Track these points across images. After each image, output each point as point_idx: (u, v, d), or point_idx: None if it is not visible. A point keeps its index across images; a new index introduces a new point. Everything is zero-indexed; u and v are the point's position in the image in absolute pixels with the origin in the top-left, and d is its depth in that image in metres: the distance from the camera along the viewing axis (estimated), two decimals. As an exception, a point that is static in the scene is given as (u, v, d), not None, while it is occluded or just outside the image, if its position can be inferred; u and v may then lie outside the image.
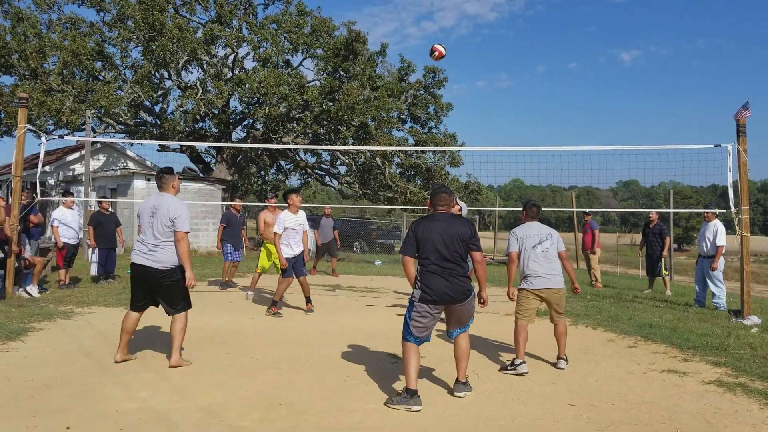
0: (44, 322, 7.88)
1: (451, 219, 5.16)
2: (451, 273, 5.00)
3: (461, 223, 5.18)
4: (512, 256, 6.39)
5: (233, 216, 12.67)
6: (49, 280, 11.87)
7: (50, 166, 24.46)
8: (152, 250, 5.85)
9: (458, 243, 5.04)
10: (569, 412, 4.81)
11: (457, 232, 5.06)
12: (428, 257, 5.02)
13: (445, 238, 5.02)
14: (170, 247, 5.86)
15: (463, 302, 5.07)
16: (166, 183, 6.09)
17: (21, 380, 5.27)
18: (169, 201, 5.91)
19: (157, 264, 5.83)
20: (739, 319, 8.95)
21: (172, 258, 5.87)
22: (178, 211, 5.85)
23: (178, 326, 5.97)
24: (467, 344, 5.27)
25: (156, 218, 5.84)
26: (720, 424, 4.59)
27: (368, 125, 25.21)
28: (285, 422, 4.45)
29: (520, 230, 6.48)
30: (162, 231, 5.83)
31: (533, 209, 6.63)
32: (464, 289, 5.04)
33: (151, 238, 5.86)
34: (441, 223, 5.11)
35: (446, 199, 5.27)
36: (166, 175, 6.12)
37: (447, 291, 4.98)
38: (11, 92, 22.05)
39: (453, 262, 5.02)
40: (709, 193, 73.60)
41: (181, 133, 24.96)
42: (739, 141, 9.13)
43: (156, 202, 5.92)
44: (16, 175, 9.76)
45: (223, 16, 25.56)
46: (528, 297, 6.33)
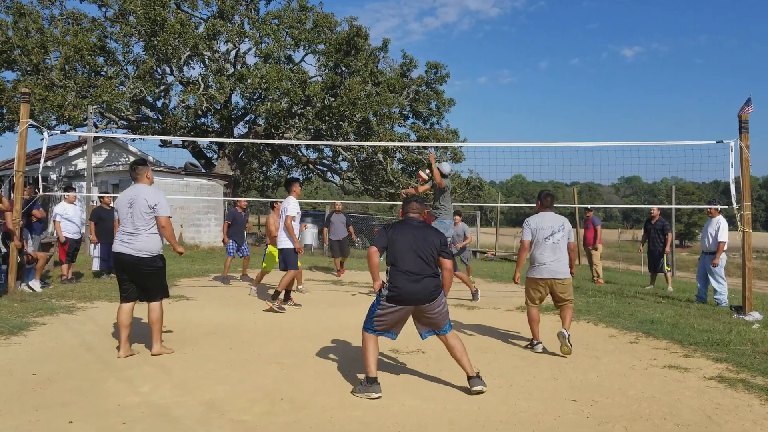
0: (47, 316, 7.90)
1: (422, 225, 5.35)
2: (420, 274, 5.08)
3: (433, 231, 5.35)
4: (524, 244, 6.72)
5: (238, 214, 12.70)
6: (51, 275, 11.89)
7: (52, 162, 24.48)
8: (132, 238, 5.98)
9: (429, 247, 5.17)
10: (570, 407, 4.82)
11: (428, 237, 5.22)
12: (399, 259, 5.12)
13: (417, 241, 5.16)
14: (149, 235, 5.99)
15: (431, 302, 5.11)
16: (141, 174, 6.20)
17: (24, 375, 5.28)
18: (145, 190, 6.05)
19: (136, 252, 5.95)
20: (741, 315, 8.94)
21: (151, 246, 6.00)
22: (157, 198, 6.02)
23: (154, 316, 6.12)
24: (459, 342, 5.29)
25: (134, 208, 5.97)
26: (721, 419, 4.59)
27: (370, 121, 25.22)
28: (287, 417, 4.47)
29: (534, 220, 6.73)
30: (142, 219, 5.96)
31: (547, 199, 6.87)
32: (432, 289, 5.11)
33: (130, 227, 5.99)
34: (413, 227, 5.27)
35: (417, 207, 5.46)
36: (139, 166, 6.26)
37: (414, 292, 5.05)
38: (13, 88, 22.07)
39: (423, 263, 5.12)
40: (712, 190, 73.54)
41: (183, 128, 24.97)
42: (741, 137, 9.11)
43: (133, 193, 6.05)
44: (19, 171, 9.78)
45: (225, 11, 25.55)
46: (535, 285, 6.74)
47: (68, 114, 21.66)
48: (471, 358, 6.30)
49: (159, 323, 6.14)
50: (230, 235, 12.51)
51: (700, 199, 59.07)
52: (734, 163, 9.20)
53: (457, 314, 9.14)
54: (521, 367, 6.03)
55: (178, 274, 13.06)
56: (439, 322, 5.23)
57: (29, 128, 10.01)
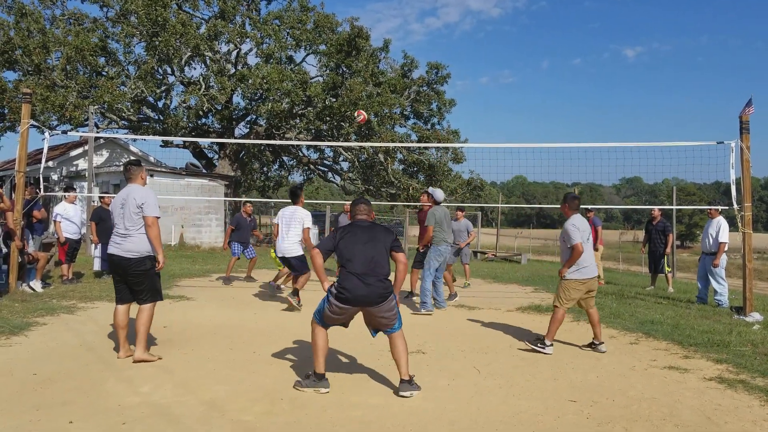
0: (47, 316, 7.91)
1: (371, 225, 5.33)
2: (370, 276, 5.04)
3: (381, 228, 5.35)
4: (579, 247, 6.65)
5: (243, 219, 12.60)
6: (52, 275, 11.91)
7: (53, 162, 24.53)
8: (122, 239, 5.92)
9: (379, 246, 5.15)
10: (570, 407, 4.82)
11: (378, 235, 5.22)
12: (348, 260, 5.09)
13: (366, 242, 5.14)
14: (139, 236, 5.91)
15: (379, 305, 5.05)
16: (134, 174, 6.16)
17: (24, 374, 5.29)
18: (136, 190, 5.99)
19: (125, 252, 5.88)
20: (741, 316, 8.94)
21: (140, 247, 5.90)
22: (145, 197, 5.94)
23: (142, 318, 5.95)
24: (402, 343, 5.17)
25: (125, 208, 5.92)
26: (720, 420, 4.59)
27: (371, 121, 25.21)
28: (287, 416, 4.47)
29: (579, 222, 6.81)
30: (131, 220, 5.89)
31: (575, 201, 6.99)
32: (381, 293, 5.04)
33: (122, 228, 5.94)
34: (362, 229, 5.26)
35: (365, 209, 5.44)
36: (133, 166, 6.21)
37: (363, 294, 5.00)
38: (15, 88, 22.11)
39: (372, 265, 5.07)
40: (713, 190, 73.54)
41: (184, 128, 24.99)
42: (742, 138, 9.11)
43: (125, 193, 6.01)
44: (20, 171, 9.79)
45: (226, 11, 25.57)
46: (577, 287, 6.75)
47: (69, 114, 21.69)
48: (471, 358, 6.33)
49: (145, 327, 5.95)
50: (233, 240, 12.44)
51: (701, 200, 59.06)
52: (735, 164, 9.20)
53: (457, 315, 9.15)
54: (521, 368, 6.04)
55: (178, 274, 13.08)
56: (388, 323, 5.17)
57: (30, 128, 10.03)
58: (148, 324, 5.97)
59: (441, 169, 27.46)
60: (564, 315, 6.81)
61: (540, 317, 9.02)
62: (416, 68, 28.60)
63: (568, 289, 6.75)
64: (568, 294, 6.76)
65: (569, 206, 6.93)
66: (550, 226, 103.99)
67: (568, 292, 6.76)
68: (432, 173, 27.37)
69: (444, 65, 28.32)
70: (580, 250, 6.63)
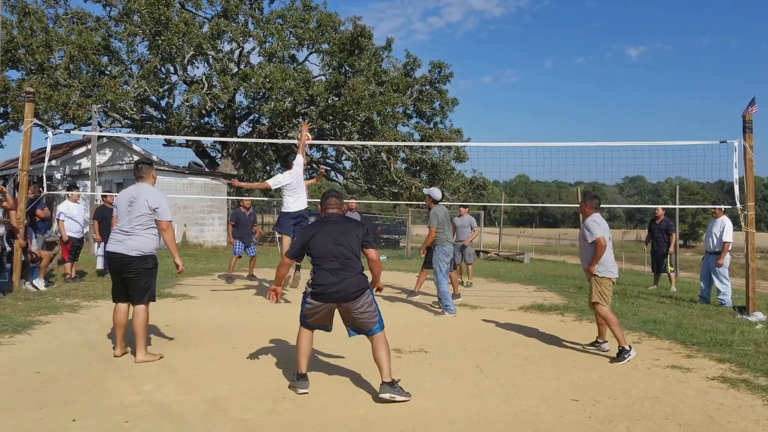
0: (50, 315, 7.93)
1: (342, 219, 5.21)
2: (343, 271, 4.95)
3: (353, 223, 5.20)
4: (602, 240, 6.56)
5: (242, 214, 12.52)
6: (55, 273, 11.93)
7: (57, 161, 24.55)
8: (126, 237, 5.85)
9: (350, 241, 5.03)
10: (572, 407, 4.82)
11: (350, 229, 5.09)
12: (320, 257, 5.01)
13: (337, 237, 5.03)
14: (143, 235, 5.86)
15: (354, 300, 4.96)
16: (146, 173, 6.10)
17: (28, 373, 5.31)
18: (148, 191, 5.95)
19: (126, 250, 5.80)
20: (744, 316, 8.93)
21: (142, 246, 5.85)
22: (158, 201, 5.91)
23: (139, 320, 5.87)
24: (384, 346, 5.00)
25: (134, 207, 5.85)
26: (723, 420, 4.59)
27: (373, 120, 25.24)
28: (289, 415, 4.48)
29: (600, 220, 6.74)
30: (138, 220, 5.84)
31: (595, 200, 6.90)
32: (356, 288, 4.95)
33: (126, 225, 5.87)
34: (332, 224, 5.14)
35: (336, 203, 5.30)
36: (145, 165, 6.15)
37: (336, 290, 4.92)
38: (18, 87, 22.15)
39: (344, 260, 4.98)
40: (716, 189, 73.40)
41: (186, 127, 25.02)
42: (745, 137, 9.10)
43: (134, 192, 5.93)
44: (23, 169, 9.81)
45: (229, 10, 25.59)
46: (610, 284, 6.71)
47: (72, 113, 21.72)
48: (473, 357, 6.33)
49: (143, 329, 5.88)
50: (236, 236, 12.39)
51: (704, 199, 58.90)
52: (738, 163, 9.19)
53: (459, 314, 9.14)
54: (523, 367, 6.03)
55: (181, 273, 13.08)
56: (366, 322, 5.04)
57: (34, 127, 10.04)
58: (145, 325, 5.91)
59: (444, 168, 27.45)
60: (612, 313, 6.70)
61: (543, 316, 9.02)
62: (419, 67, 28.62)
63: (605, 288, 6.64)
64: (608, 293, 6.66)
65: (589, 205, 6.84)
66: (553, 225, 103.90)
67: (608, 290, 6.66)
68: (435, 172, 27.36)
69: (447, 64, 28.33)
70: (603, 244, 6.54)
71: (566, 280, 14.27)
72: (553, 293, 11.63)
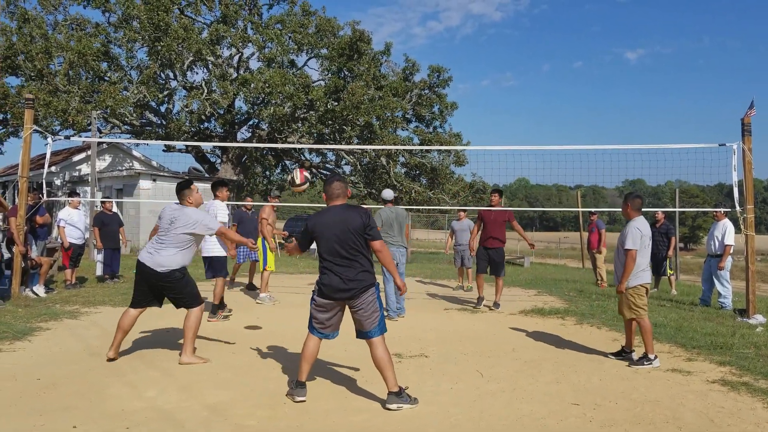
0: (51, 321, 7.93)
1: (343, 211, 4.90)
2: (347, 268, 4.80)
3: (354, 214, 4.88)
4: (633, 254, 6.28)
5: (245, 214, 12.17)
6: (55, 280, 11.93)
7: (56, 167, 24.57)
8: (157, 251, 5.98)
9: (352, 236, 4.81)
10: (573, 410, 4.82)
11: (350, 224, 4.81)
12: (323, 254, 4.88)
13: (338, 232, 4.81)
14: (173, 252, 5.97)
15: (359, 297, 4.81)
16: (184, 197, 6.21)
17: (28, 379, 5.30)
18: (188, 212, 6.08)
19: (155, 266, 5.92)
20: (744, 319, 8.93)
21: (170, 262, 5.95)
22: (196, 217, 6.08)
23: (189, 321, 6.08)
24: (383, 352, 4.85)
25: (173, 226, 5.99)
26: (723, 422, 4.59)
27: (373, 125, 25.25)
28: (290, 421, 4.48)
29: (643, 226, 6.40)
30: (173, 238, 5.98)
31: (638, 201, 6.57)
32: (361, 285, 4.81)
33: (161, 239, 6.02)
34: (333, 216, 4.88)
35: (340, 187, 5.04)
36: (184, 189, 6.24)
37: (341, 287, 4.79)
38: (17, 93, 22.15)
39: (347, 257, 4.81)
40: (716, 192, 73.36)
41: (186, 133, 25.04)
42: (744, 140, 9.12)
43: (178, 213, 6.06)
44: (23, 176, 9.82)
45: (228, 16, 25.63)
46: (643, 291, 6.41)
47: (72, 119, 21.72)
48: (474, 362, 6.33)
49: (193, 331, 6.06)
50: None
51: (704, 202, 58.94)
52: (737, 166, 9.21)
53: (459, 318, 9.14)
54: (524, 371, 6.03)
55: (181, 279, 13.06)
56: (363, 322, 4.88)
57: (33, 133, 10.05)
58: (195, 327, 6.08)
59: (443, 172, 27.46)
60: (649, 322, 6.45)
61: (543, 320, 9.02)
62: (418, 71, 28.64)
63: (641, 296, 6.37)
64: (643, 300, 6.38)
65: (631, 206, 6.52)
66: (553, 228, 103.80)
67: (642, 298, 6.38)
68: (434, 176, 27.37)
69: (445, 68, 28.34)
70: (633, 257, 6.25)
71: (566, 283, 14.27)
72: (554, 297, 11.63)
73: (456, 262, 13.44)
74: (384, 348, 4.89)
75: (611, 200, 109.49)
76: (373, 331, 4.90)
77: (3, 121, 24.02)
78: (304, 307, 9.71)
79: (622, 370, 6.10)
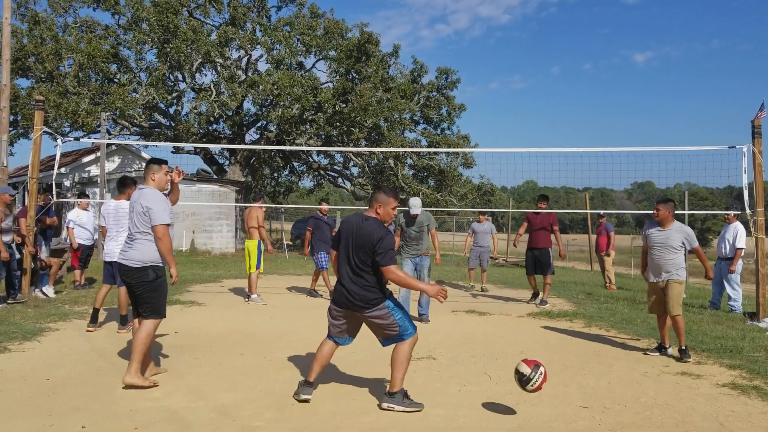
0: (60, 322, 7.97)
1: (360, 222, 4.78)
2: (351, 280, 4.75)
3: (369, 229, 4.69)
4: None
5: (320, 219, 11.49)
6: (64, 281, 11.98)
7: (66, 168, 24.68)
8: (127, 246, 5.40)
9: (361, 251, 4.70)
10: (581, 414, 4.80)
11: (361, 238, 4.71)
12: (338, 260, 4.88)
13: (351, 243, 4.78)
14: (143, 243, 5.29)
15: (363, 312, 4.75)
16: (146, 175, 5.52)
17: (37, 379, 5.33)
18: (145, 193, 5.37)
19: (126, 261, 5.32)
20: (755, 322, 8.88)
21: (142, 256, 5.28)
22: (151, 201, 5.28)
23: (139, 335, 5.23)
24: (401, 355, 4.77)
25: (133, 212, 5.37)
26: (734, 426, 4.55)
27: (381, 127, 25.25)
28: (297, 422, 4.48)
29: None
30: (137, 225, 5.31)
31: (672, 204, 6.93)
32: (363, 300, 4.71)
33: (128, 233, 5.45)
34: (351, 226, 4.82)
35: (374, 196, 4.90)
36: (147, 165, 5.59)
37: (344, 297, 4.77)
38: (28, 94, 22.30)
39: (353, 269, 4.76)
40: (725, 195, 72.88)
41: (195, 134, 25.12)
42: (754, 142, 9.07)
43: (135, 196, 5.44)
44: (33, 177, 9.87)
45: (237, 18, 25.70)
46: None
47: (82, 121, 21.84)
48: (482, 364, 6.31)
49: (142, 346, 5.18)
50: (315, 244, 11.32)
51: (713, 205, 58.59)
52: (747, 168, 9.15)
53: (468, 320, 9.12)
54: (532, 374, 6.00)
55: (190, 280, 13.12)
56: (374, 332, 4.89)
57: (43, 135, 10.11)
58: (145, 342, 5.20)
59: (451, 174, 27.42)
60: None
61: (551, 323, 8.98)
62: (426, 73, 28.61)
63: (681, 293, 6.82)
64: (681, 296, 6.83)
65: (670, 211, 6.83)
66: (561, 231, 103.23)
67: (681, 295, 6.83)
68: (442, 178, 27.34)
69: (454, 70, 28.30)
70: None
71: (575, 286, 14.22)
72: (562, 299, 11.59)
73: (471, 262, 13.55)
74: (402, 351, 4.79)
75: (620, 203, 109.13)
76: (386, 342, 4.89)
77: (13, 123, 24.13)
78: (313, 309, 9.76)
79: (630, 373, 6.07)
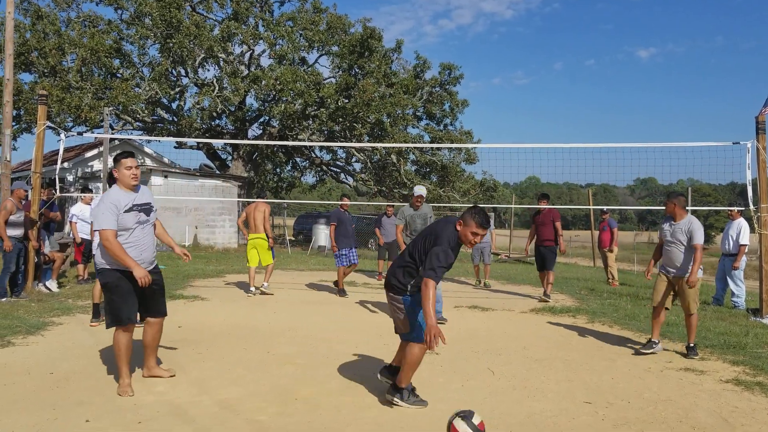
0: (63, 316, 7.98)
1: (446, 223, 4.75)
2: (396, 266, 4.86)
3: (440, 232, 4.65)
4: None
5: (343, 214, 11.43)
6: (68, 275, 12.00)
7: (69, 163, 24.70)
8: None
9: (418, 247, 4.72)
10: (585, 409, 4.80)
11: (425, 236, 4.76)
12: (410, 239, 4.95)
13: (427, 232, 4.79)
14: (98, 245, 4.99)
15: (388, 291, 4.86)
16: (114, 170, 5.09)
17: (41, 373, 5.34)
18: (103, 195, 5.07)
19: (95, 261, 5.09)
20: (758, 318, 8.87)
21: (97, 258, 5.01)
22: (96, 205, 4.99)
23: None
24: (409, 356, 4.71)
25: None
26: (737, 422, 4.55)
27: (383, 122, 25.22)
28: (301, 417, 4.48)
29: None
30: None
31: (683, 198, 6.87)
32: (391, 278, 4.81)
33: None
34: (440, 222, 4.85)
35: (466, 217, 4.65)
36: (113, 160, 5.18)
37: (389, 273, 4.90)
38: (31, 89, 22.32)
39: (410, 252, 4.79)
40: (728, 191, 72.78)
41: (197, 130, 25.12)
42: (758, 138, 9.03)
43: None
44: (36, 171, 9.88)
45: (240, 13, 25.65)
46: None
47: (85, 115, 21.85)
48: (485, 359, 6.32)
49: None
50: (338, 239, 11.16)
51: (716, 201, 58.50)
52: (751, 164, 9.13)
53: (470, 316, 9.12)
54: (535, 369, 6.01)
55: (192, 275, 13.13)
56: (398, 321, 4.86)
57: (46, 130, 10.12)
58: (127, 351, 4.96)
59: (454, 170, 27.38)
60: None
61: (554, 319, 8.98)
62: (429, 69, 28.53)
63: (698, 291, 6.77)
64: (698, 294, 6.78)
65: (679, 205, 6.71)
66: (564, 227, 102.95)
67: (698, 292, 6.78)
68: (445, 174, 27.31)
69: (457, 66, 28.21)
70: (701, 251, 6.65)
71: (577, 282, 14.21)
72: (565, 295, 11.59)
73: (474, 258, 13.50)
74: (412, 352, 4.72)
75: (622, 199, 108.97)
76: (407, 335, 4.83)
77: (16, 118, 24.18)
78: (317, 304, 9.77)
79: (634, 369, 6.07)
